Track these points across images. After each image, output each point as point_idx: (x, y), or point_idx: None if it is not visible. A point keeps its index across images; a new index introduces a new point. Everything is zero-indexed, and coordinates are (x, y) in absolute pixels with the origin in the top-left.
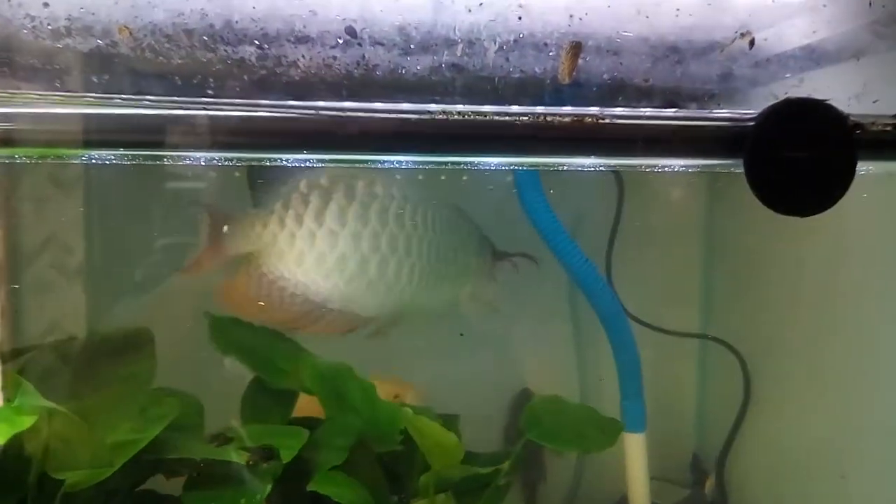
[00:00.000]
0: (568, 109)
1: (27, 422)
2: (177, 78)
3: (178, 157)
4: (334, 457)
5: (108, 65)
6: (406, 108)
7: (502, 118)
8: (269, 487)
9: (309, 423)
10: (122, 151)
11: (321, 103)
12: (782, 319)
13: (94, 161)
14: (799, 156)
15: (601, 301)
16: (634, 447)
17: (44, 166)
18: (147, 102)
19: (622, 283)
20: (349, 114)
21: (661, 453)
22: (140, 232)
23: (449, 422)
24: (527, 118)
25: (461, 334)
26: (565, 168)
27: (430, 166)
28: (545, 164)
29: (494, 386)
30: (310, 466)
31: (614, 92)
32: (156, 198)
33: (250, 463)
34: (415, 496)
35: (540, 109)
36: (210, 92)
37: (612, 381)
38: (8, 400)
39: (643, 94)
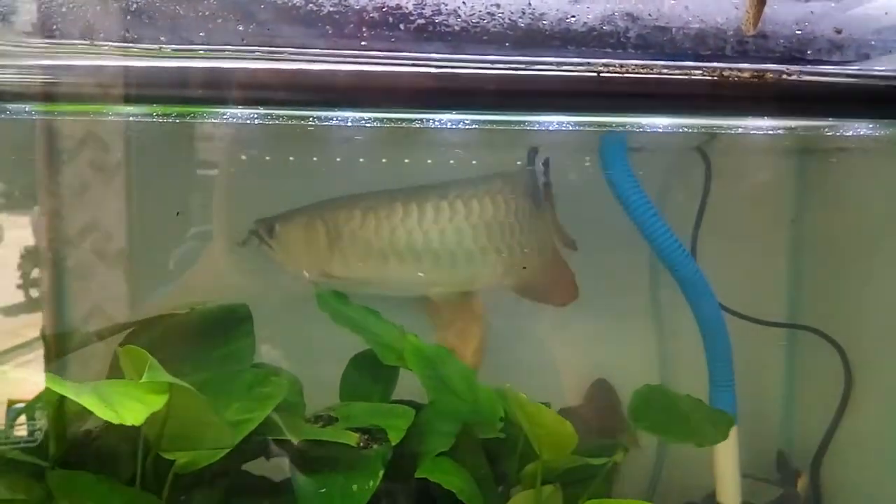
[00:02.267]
0: (748, 65)
1: (160, 401)
2: (328, 28)
3: (322, 117)
4: (441, 442)
5: (252, 14)
6: (569, 62)
7: (674, 74)
8: (381, 473)
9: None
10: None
11: (481, 56)
12: (883, 307)
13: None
14: None
15: (693, 287)
16: (725, 441)
17: (86, 152)
18: (288, 54)
19: (707, 268)
20: (509, 69)
21: (744, 448)
22: (180, 217)
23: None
24: (701, 73)
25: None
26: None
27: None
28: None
29: (568, 375)
30: (413, 451)
31: (804, 44)
32: (196, 183)
33: (361, 445)
34: (515, 485)
35: (718, 64)
36: (363, 43)
37: (695, 370)
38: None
39: (835, 48)
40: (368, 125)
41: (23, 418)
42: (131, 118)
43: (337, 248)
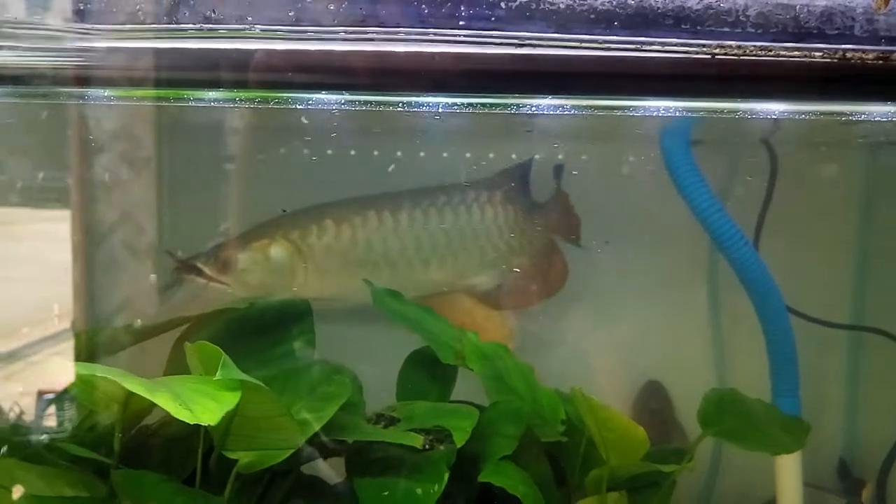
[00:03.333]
0: (873, 47)
1: (234, 398)
2: (423, 6)
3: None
4: (504, 445)
5: None
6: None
7: (793, 56)
8: (446, 476)
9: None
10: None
11: (586, 36)
12: None
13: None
14: None
15: (759, 287)
16: None
17: (116, 146)
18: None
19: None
20: (617, 50)
21: (804, 456)
22: (210, 212)
23: None
24: (821, 55)
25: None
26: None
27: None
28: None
29: (618, 376)
30: (475, 454)
31: None
32: (226, 178)
33: (426, 447)
34: (576, 490)
35: (840, 46)
36: (461, 23)
37: (754, 373)
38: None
39: None
40: (461, 111)
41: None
42: (213, 104)
43: (311, 267)
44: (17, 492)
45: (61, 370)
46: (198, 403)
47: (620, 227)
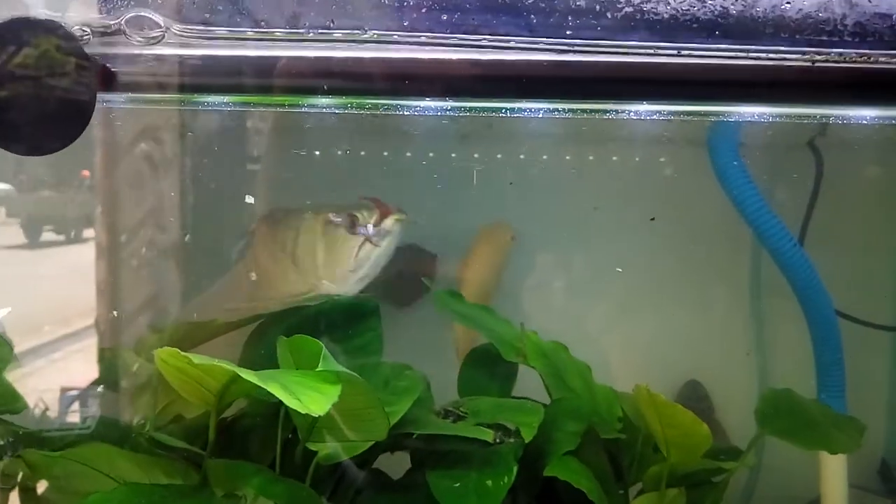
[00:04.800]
0: None
1: (336, 390)
2: (532, 17)
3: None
4: (567, 441)
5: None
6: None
7: (892, 63)
8: (515, 469)
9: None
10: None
11: (689, 45)
12: None
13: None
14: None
15: (809, 287)
16: None
17: (141, 146)
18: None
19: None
20: (715, 59)
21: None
22: (233, 211)
23: None
24: None
25: None
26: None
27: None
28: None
29: (658, 375)
30: (540, 449)
31: None
32: (248, 178)
33: (497, 441)
34: (632, 485)
35: None
36: (569, 33)
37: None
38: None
39: None
40: (560, 116)
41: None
42: (326, 110)
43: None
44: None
45: (84, 367)
46: (304, 394)
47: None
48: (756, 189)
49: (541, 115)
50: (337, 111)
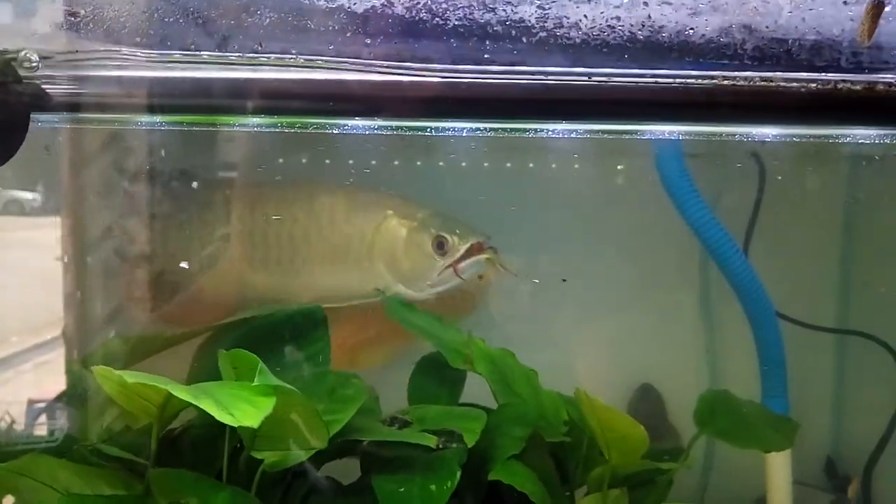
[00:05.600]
0: (860, 77)
1: (270, 403)
2: (452, 41)
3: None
4: (512, 445)
5: (379, 29)
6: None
7: (790, 85)
8: (458, 474)
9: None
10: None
11: (601, 70)
12: None
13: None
14: None
15: (750, 294)
16: None
17: (109, 154)
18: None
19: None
20: (629, 80)
21: (793, 454)
22: (201, 220)
23: None
24: (815, 85)
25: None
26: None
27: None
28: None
29: (612, 380)
30: (485, 454)
31: None
32: (215, 188)
33: (439, 447)
34: (578, 487)
35: (832, 76)
36: (486, 57)
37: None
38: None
39: None
40: (483, 135)
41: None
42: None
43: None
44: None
45: (50, 379)
46: (237, 408)
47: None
48: (699, 196)
49: (464, 134)
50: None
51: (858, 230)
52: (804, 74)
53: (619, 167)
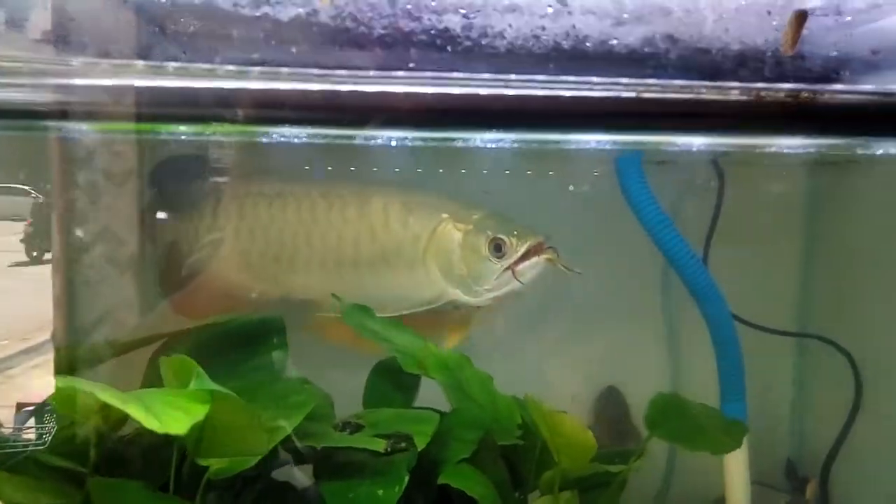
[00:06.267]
0: (784, 85)
1: (203, 410)
2: (378, 49)
3: (375, 136)
4: (462, 449)
5: (305, 36)
6: (609, 82)
7: (710, 94)
8: (406, 478)
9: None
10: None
11: (525, 77)
12: (893, 316)
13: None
14: None
15: (707, 298)
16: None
17: (97, 159)
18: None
19: (719, 277)
20: (553, 89)
21: (753, 456)
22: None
23: None
24: (738, 94)
25: None
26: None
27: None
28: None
29: (578, 382)
30: (436, 458)
31: (841, 65)
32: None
33: (387, 451)
34: (533, 490)
35: (756, 85)
36: (411, 65)
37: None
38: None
39: (871, 68)
40: (412, 144)
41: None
42: (184, 137)
43: None
44: None
45: (41, 383)
46: (167, 414)
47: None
48: (656, 203)
49: (393, 143)
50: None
51: (818, 236)
52: (728, 83)
53: (581, 174)
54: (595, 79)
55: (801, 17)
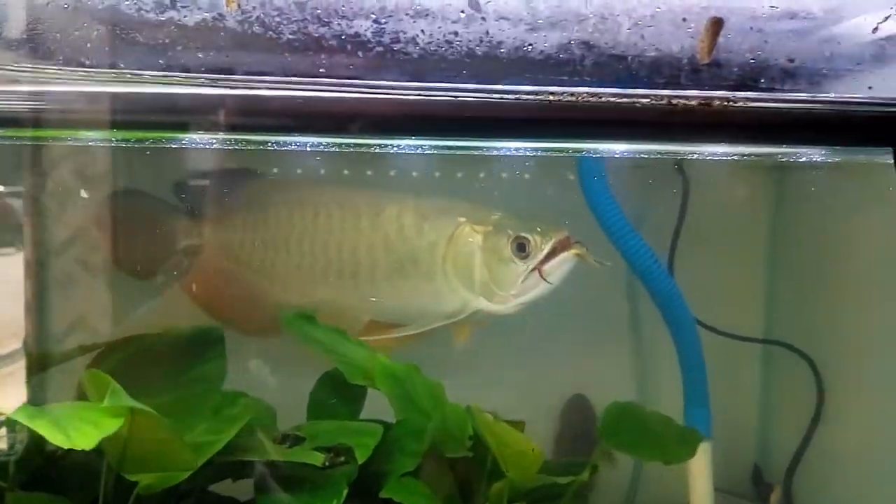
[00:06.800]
0: (695, 93)
1: (115, 424)
2: (287, 55)
3: (285, 142)
4: (407, 462)
5: (214, 40)
6: (522, 89)
7: (622, 101)
8: (344, 492)
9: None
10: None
11: (440, 84)
12: (855, 322)
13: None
14: None
15: (670, 304)
16: (699, 456)
17: (70, 161)
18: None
19: (684, 284)
20: (468, 96)
21: (720, 463)
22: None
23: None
24: (648, 101)
25: None
26: (621, 154)
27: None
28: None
29: (545, 390)
30: (379, 470)
31: (757, 73)
32: (180, 195)
33: (326, 465)
34: (484, 503)
35: (665, 92)
36: (322, 71)
37: (672, 385)
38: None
39: (788, 76)
40: (326, 150)
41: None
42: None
43: None
44: None
45: (14, 390)
46: (76, 429)
47: None
48: (618, 209)
49: (308, 148)
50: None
51: (783, 242)
52: (641, 91)
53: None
54: (509, 86)
55: (717, 24)
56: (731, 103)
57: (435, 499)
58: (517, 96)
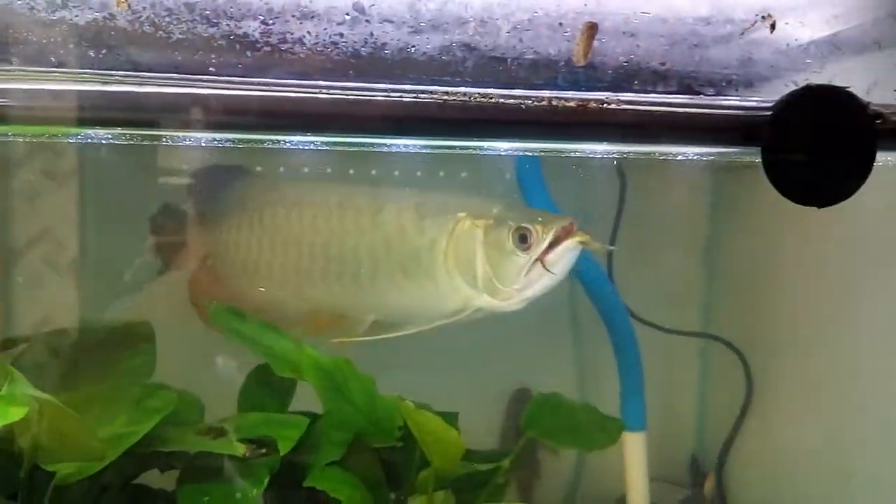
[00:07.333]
0: (573, 94)
1: (18, 413)
2: (177, 54)
3: (175, 137)
4: (332, 452)
5: (105, 39)
6: (411, 89)
7: (507, 102)
8: (265, 481)
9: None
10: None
11: (325, 83)
12: (785, 318)
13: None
14: (817, 144)
15: (603, 297)
16: (634, 446)
17: (37, 159)
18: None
19: (623, 280)
20: (353, 94)
21: (659, 453)
22: (134, 227)
23: (448, 419)
24: (531, 102)
25: None
26: (568, 154)
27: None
28: (553, 152)
29: (491, 384)
30: (306, 461)
31: (630, 75)
32: (150, 193)
33: (247, 455)
34: (412, 493)
35: (546, 93)
36: (211, 69)
37: (612, 379)
38: None
39: (659, 78)
40: (221, 146)
41: None
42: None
43: None
44: None
45: None
46: None
47: None
48: (554, 206)
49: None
50: None
51: (720, 239)
52: (523, 92)
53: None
54: (394, 85)
55: (592, 28)
56: (606, 104)
57: (359, 487)
58: (415, 95)
